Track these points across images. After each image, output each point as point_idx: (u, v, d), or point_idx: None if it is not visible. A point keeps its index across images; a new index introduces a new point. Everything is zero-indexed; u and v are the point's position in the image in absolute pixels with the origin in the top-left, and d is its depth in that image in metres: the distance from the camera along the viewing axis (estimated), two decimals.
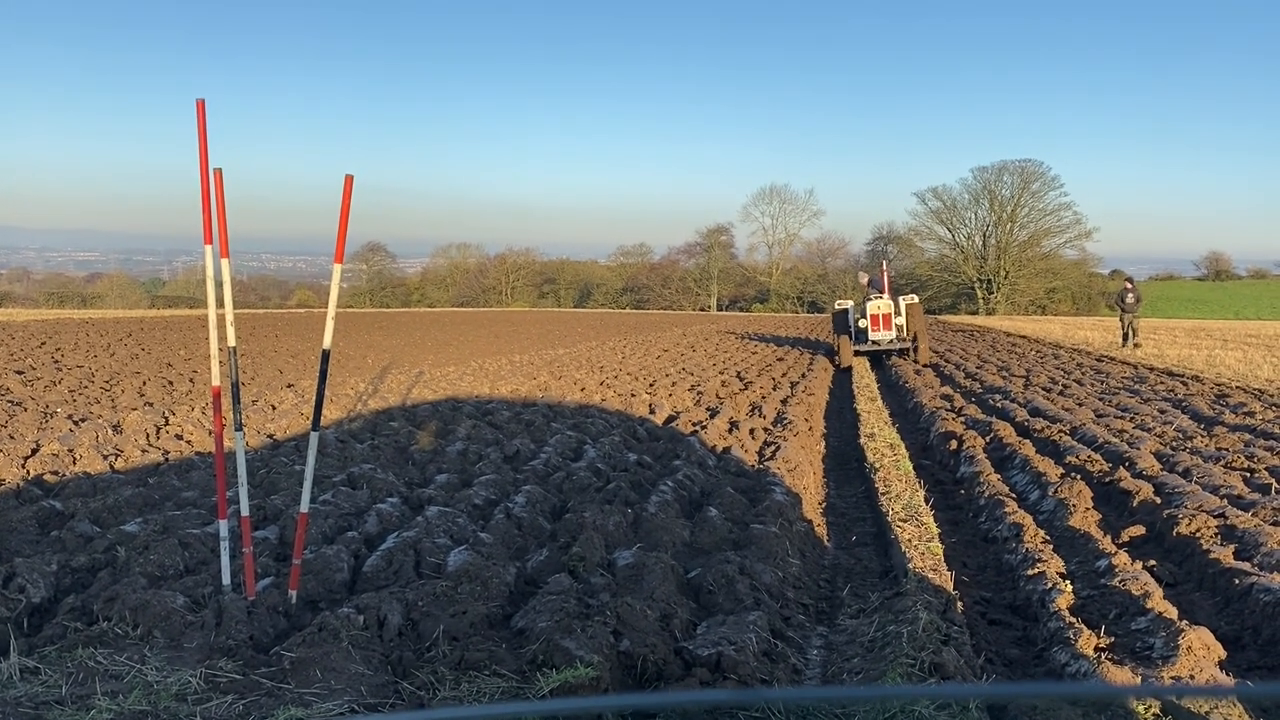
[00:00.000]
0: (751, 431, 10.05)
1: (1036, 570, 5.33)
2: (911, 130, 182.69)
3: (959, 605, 4.79)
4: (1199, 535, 5.83)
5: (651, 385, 14.71)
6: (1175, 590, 5.29)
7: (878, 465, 8.55)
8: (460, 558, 5.04)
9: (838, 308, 21.18)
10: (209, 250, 4.31)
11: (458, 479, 7.46)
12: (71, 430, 9.04)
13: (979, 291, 72.70)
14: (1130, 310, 24.79)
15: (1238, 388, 14.51)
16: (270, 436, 9.40)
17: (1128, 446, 8.91)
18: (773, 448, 8.96)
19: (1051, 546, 5.85)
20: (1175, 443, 9.42)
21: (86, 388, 13.17)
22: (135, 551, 5.07)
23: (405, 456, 8.50)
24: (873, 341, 20.24)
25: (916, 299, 21.30)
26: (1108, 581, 5.09)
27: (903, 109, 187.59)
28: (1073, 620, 4.51)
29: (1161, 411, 11.78)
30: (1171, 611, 4.51)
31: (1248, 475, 7.79)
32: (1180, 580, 5.48)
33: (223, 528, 4.50)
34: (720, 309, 78.54)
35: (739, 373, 17.39)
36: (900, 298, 20.89)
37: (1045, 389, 14.80)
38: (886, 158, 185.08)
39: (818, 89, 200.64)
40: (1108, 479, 7.62)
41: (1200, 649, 3.97)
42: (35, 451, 8.00)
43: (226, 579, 4.52)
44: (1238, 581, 5.00)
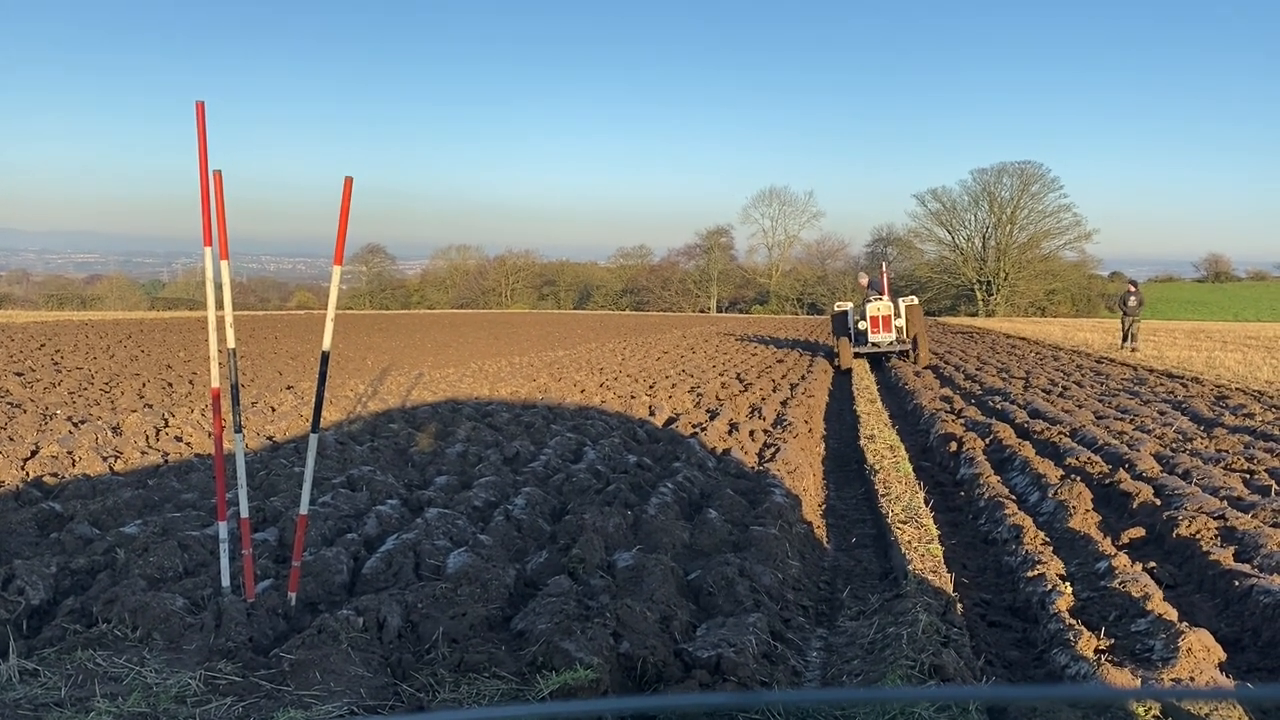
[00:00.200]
0: (751, 433, 10.05)
1: (1036, 572, 5.33)
2: (911, 132, 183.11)
3: (959, 607, 4.79)
4: (1199, 537, 5.83)
5: (651, 387, 14.71)
6: (1175, 592, 5.29)
7: (877, 467, 8.54)
8: (460, 560, 5.04)
9: (837, 309, 21.09)
10: (208, 252, 4.30)
11: (457, 481, 7.45)
12: (71, 432, 9.04)
13: (978, 293, 72.75)
14: (1132, 313, 24.80)
15: (1237, 389, 14.51)
16: (270, 438, 9.40)
17: (1127, 448, 8.91)
18: (772, 449, 8.96)
19: (1051, 548, 5.84)
20: (1175, 444, 9.42)
21: (86, 389, 13.16)
22: (135, 553, 5.07)
23: (405, 458, 8.49)
24: (872, 343, 20.16)
25: (916, 301, 21.25)
26: (1108, 583, 5.09)
27: (902, 110, 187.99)
28: (1072, 622, 4.50)
29: (1161, 413, 11.78)
30: (1171, 613, 4.51)
31: (1247, 477, 7.79)
32: (1180, 582, 5.48)
33: (222, 529, 4.50)
34: (720, 311, 78.55)
35: (739, 374, 17.38)
36: (900, 299, 20.83)
37: (1045, 391, 14.79)
38: (886, 159, 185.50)
39: (817, 90, 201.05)
40: (1108, 481, 7.62)
41: (1200, 651, 3.97)
42: (35, 453, 7.99)
43: (226, 581, 4.52)
44: (1238, 583, 5.00)
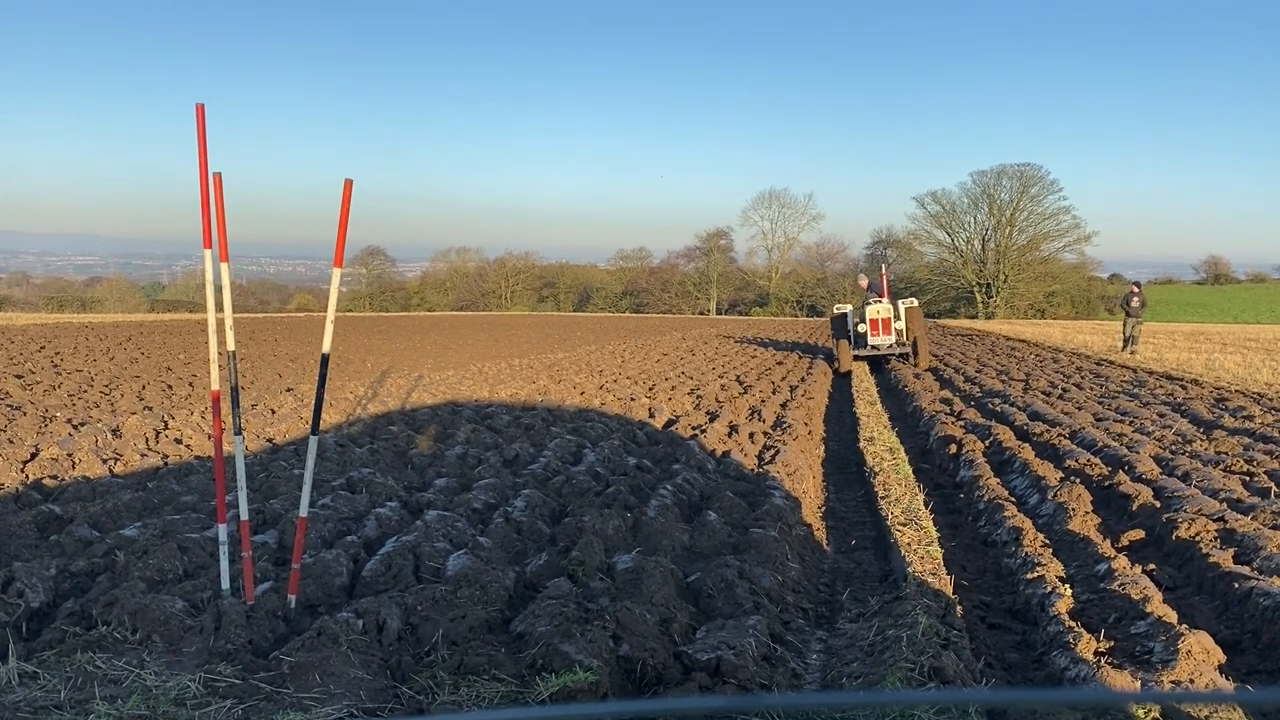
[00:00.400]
0: (751, 435, 10.05)
1: (1036, 574, 5.33)
2: (910, 134, 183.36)
3: (958, 609, 4.79)
4: (1198, 539, 5.83)
5: (651, 389, 14.71)
6: (1175, 594, 5.29)
7: (877, 469, 8.54)
8: (459, 562, 5.04)
9: (837, 312, 21.04)
10: (208, 254, 4.31)
11: (457, 483, 7.45)
12: (71, 434, 9.04)
13: (978, 295, 72.79)
14: (1135, 315, 24.82)
15: (1237, 391, 14.52)
16: (269, 440, 9.39)
17: (1127, 450, 8.91)
18: (772, 451, 8.96)
19: (1051, 550, 5.84)
20: (1175, 446, 9.42)
21: (86, 392, 13.16)
22: (134, 556, 5.07)
23: (404, 460, 8.49)
24: (872, 346, 20.12)
25: (916, 303, 21.22)
26: (1107, 585, 5.09)
27: (902, 113, 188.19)
28: (1072, 624, 4.50)
29: (1161, 415, 11.78)
30: (1171, 615, 4.51)
31: (1247, 479, 7.79)
32: (1180, 584, 5.48)
33: (222, 532, 4.50)
34: (719, 313, 78.58)
35: (738, 376, 17.38)
36: (900, 302, 20.81)
37: (1044, 393, 14.80)
38: (886, 161, 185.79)
39: (817, 92, 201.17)
40: (1107, 483, 7.62)
41: (1200, 653, 3.97)
42: (34, 456, 7.99)
43: (226, 583, 4.52)
44: (1237, 585, 5.00)
